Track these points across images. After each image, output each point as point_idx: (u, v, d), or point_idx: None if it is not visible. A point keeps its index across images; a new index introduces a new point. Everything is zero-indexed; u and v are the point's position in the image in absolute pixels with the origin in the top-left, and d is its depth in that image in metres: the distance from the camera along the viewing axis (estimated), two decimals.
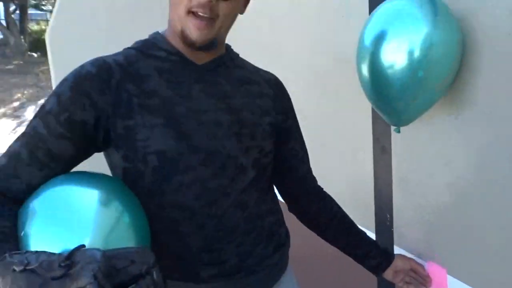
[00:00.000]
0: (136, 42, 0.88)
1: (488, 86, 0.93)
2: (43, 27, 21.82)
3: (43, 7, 20.39)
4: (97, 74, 0.78)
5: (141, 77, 0.81)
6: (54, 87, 3.13)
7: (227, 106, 0.85)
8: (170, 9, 0.83)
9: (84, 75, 0.78)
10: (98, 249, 0.63)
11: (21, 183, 0.76)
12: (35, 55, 16.39)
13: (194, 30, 0.79)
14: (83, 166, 0.83)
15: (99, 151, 0.84)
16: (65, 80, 0.79)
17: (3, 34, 16.26)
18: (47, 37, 3.10)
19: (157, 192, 0.81)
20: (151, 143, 0.78)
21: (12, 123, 10.99)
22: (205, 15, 0.78)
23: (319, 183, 1.08)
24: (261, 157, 0.89)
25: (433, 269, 1.09)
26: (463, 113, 0.99)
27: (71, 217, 0.70)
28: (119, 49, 0.88)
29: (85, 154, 0.82)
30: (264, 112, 0.91)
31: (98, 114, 0.78)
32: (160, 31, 0.89)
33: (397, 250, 1.27)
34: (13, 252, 0.64)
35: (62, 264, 0.61)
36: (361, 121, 1.35)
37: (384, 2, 0.99)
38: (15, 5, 16.89)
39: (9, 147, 0.79)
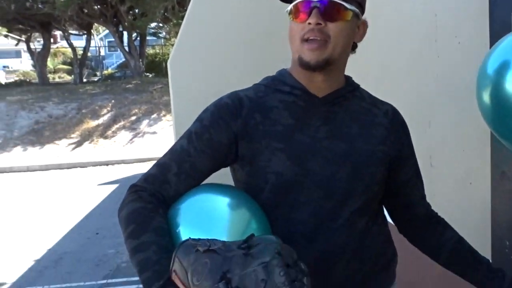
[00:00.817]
0: (265, 79, 1.01)
1: None
2: (157, 50, 24.26)
3: (160, 34, 22.72)
4: (232, 105, 0.94)
5: (267, 108, 0.94)
6: (173, 110, 3.53)
7: (343, 135, 0.94)
8: (290, 45, 0.94)
9: (222, 105, 0.95)
10: (275, 236, 0.72)
11: (171, 189, 0.91)
12: (149, 75, 18.22)
13: (308, 53, 0.88)
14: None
15: (226, 166, 0.98)
16: (207, 109, 0.97)
17: (125, 58, 18.38)
18: (169, 65, 3.52)
19: (274, 207, 0.91)
20: (271, 165, 0.91)
21: (129, 134, 12.31)
22: (317, 38, 0.88)
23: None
24: (372, 184, 0.95)
25: None
26: None
27: (211, 222, 0.84)
28: (235, 79, 1.05)
29: (217, 168, 0.96)
30: (378, 142, 0.96)
31: (231, 136, 0.92)
32: (286, 68, 0.99)
33: None
34: (189, 239, 0.74)
35: (242, 246, 0.70)
36: (477, 148, 1.37)
37: (509, 34, 1.04)
38: (137, 33, 19.01)
39: (158, 160, 0.96)
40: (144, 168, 9.82)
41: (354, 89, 1.00)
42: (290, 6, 0.92)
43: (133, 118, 13.08)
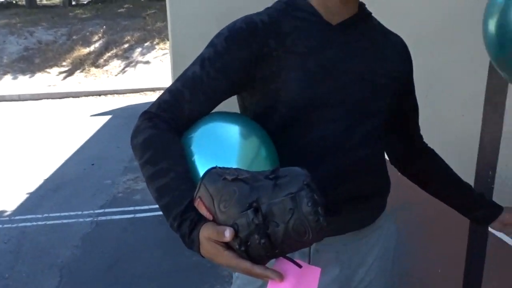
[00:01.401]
0: (279, 2, 0.96)
1: None
2: None
3: None
4: (246, 29, 0.90)
5: (282, 34, 0.91)
6: (170, 36, 3.38)
7: (360, 60, 0.94)
8: None
9: (236, 30, 0.90)
10: (301, 168, 0.70)
11: (184, 116, 0.89)
12: None
13: None
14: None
15: (238, 93, 0.97)
16: (220, 33, 0.92)
17: None
18: None
19: (286, 134, 0.92)
20: (284, 90, 0.90)
21: (122, 63, 12.01)
22: None
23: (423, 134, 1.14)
24: (387, 108, 0.98)
25: None
26: None
27: (222, 150, 0.85)
28: (235, 6, 0.98)
29: (230, 95, 0.95)
30: (393, 68, 0.98)
31: (244, 63, 0.90)
32: None
33: None
34: (215, 167, 0.73)
35: (270, 177, 0.69)
36: (476, 77, 1.34)
37: None
38: None
39: (170, 87, 0.93)
40: (137, 99, 9.72)
41: (367, 17, 0.99)
42: None
43: (126, 46, 12.67)
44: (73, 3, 17.90)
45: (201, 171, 0.82)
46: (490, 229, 1.27)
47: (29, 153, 5.76)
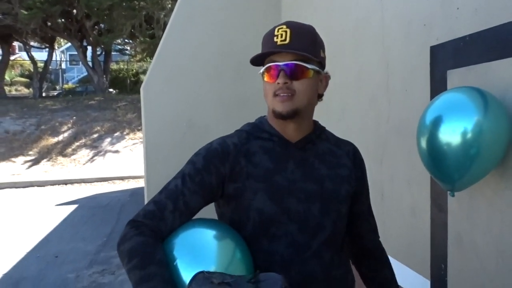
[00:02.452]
0: (247, 125, 1.15)
1: None
2: (121, 66, 23.98)
3: (126, 51, 22.53)
4: (221, 151, 1.08)
5: (250, 153, 1.08)
6: (144, 135, 3.60)
7: (313, 177, 1.09)
8: (265, 99, 1.09)
9: (212, 150, 1.08)
10: (277, 274, 0.82)
11: (167, 225, 1.02)
12: (113, 91, 17.93)
13: (279, 105, 1.05)
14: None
15: (213, 202, 1.11)
16: (198, 153, 1.10)
17: (88, 73, 18.07)
18: (142, 90, 3.60)
19: (255, 239, 1.05)
20: (254, 203, 1.04)
21: (90, 153, 12.03)
22: (285, 94, 1.04)
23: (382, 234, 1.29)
24: (337, 219, 1.10)
25: None
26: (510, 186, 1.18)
27: (201, 255, 0.95)
28: (211, 111, 1.17)
29: (206, 204, 1.08)
30: (343, 181, 1.12)
31: (219, 178, 1.06)
32: (264, 116, 1.15)
33: None
34: (205, 272, 0.81)
35: (252, 281, 0.78)
36: (420, 183, 1.56)
37: (443, 93, 1.23)
38: (101, 49, 18.78)
39: (154, 198, 1.06)
40: (105, 188, 9.62)
41: (321, 132, 1.16)
42: (262, 69, 1.07)
43: (95, 135, 12.80)
44: (44, 94, 18.25)
45: (183, 274, 0.91)
46: None
47: None
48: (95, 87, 17.48)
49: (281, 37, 1.04)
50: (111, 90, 18.04)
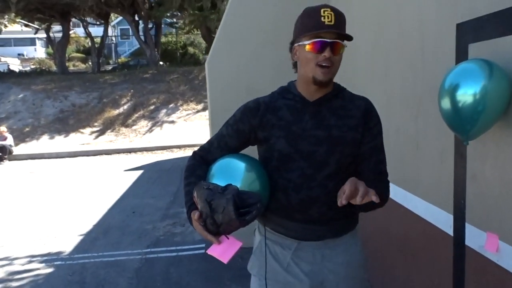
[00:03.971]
0: (280, 88, 1.49)
1: None
2: (170, 39, 24.72)
3: (175, 25, 23.18)
4: (254, 108, 1.45)
5: (276, 109, 1.43)
6: (209, 105, 4.12)
7: (323, 125, 1.39)
8: (301, 66, 1.37)
9: (247, 107, 1.47)
10: (236, 187, 1.28)
11: (213, 156, 1.50)
12: (164, 64, 18.69)
13: (322, 74, 1.33)
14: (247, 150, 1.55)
15: (249, 145, 1.51)
16: (239, 108, 1.49)
17: (141, 47, 18.91)
18: (206, 65, 4.08)
19: (278, 169, 1.43)
20: (276, 146, 1.41)
21: (149, 123, 12.96)
22: (328, 65, 1.32)
23: (414, 175, 1.69)
24: (341, 158, 1.39)
25: (489, 235, 1.65)
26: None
27: (233, 175, 1.40)
28: (268, 76, 1.58)
29: (244, 146, 1.51)
30: (350, 129, 1.40)
31: (251, 128, 1.45)
32: (293, 81, 1.47)
33: (468, 226, 1.83)
34: (203, 181, 1.34)
35: (222, 189, 1.27)
36: (446, 135, 1.93)
37: (460, 63, 1.60)
38: (152, 22, 19.49)
39: (210, 138, 1.55)
40: (165, 156, 10.47)
41: (338, 92, 1.44)
42: (308, 42, 1.32)
43: (152, 107, 13.69)
44: (102, 69, 19.38)
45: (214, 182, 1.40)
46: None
47: (75, 203, 6.40)
48: (148, 60, 18.31)
49: (328, 18, 1.30)
50: (161, 63, 18.79)
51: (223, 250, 1.28)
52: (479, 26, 1.71)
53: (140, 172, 8.59)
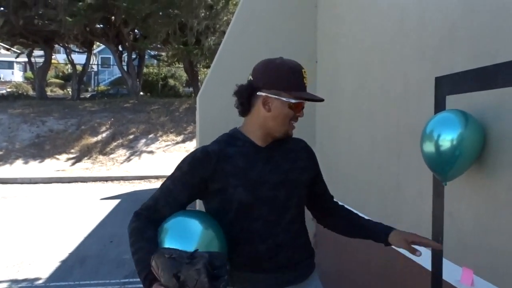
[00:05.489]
0: (224, 135, 1.44)
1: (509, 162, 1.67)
2: (151, 70, 24.94)
3: (159, 57, 23.52)
4: (203, 158, 1.36)
5: (228, 156, 1.37)
6: (197, 137, 4.23)
7: (279, 170, 1.40)
8: (272, 119, 1.35)
9: (196, 158, 1.37)
10: (207, 252, 1.16)
11: (161, 215, 1.35)
12: (144, 95, 18.75)
13: (291, 130, 1.40)
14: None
15: (198, 198, 1.42)
16: (185, 159, 1.39)
17: (123, 76, 19.02)
18: (198, 99, 4.24)
19: (237, 221, 1.36)
20: (235, 196, 1.34)
21: (127, 152, 12.87)
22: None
23: (395, 214, 1.84)
24: (299, 200, 1.43)
25: (465, 270, 1.80)
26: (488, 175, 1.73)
27: (187, 236, 1.28)
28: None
29: (192, 200, 1.41)
30: (303, 170, 1.44)
31: (200, 180, 1.35)
32: (237, 127, 1.45)
33: (445, 261, 1.98)
34: (162, 248, 1.18)
35: (189, 257, 1.13)
36: (426, 175, 2.12)
37: (439, 112, 1.80)
38: (136, 53, 19.74)
39: (153, 194, 1.39)
40: (141, 186, 10.38)
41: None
42: (294, 101, 1.35)
43: (131, 136, 13.64)
44: (81, 96, 19.28)
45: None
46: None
47: (50, 230, 6.24)
48: (129, 90, 18.37)
49: (305, 80, 1.38)
50: (141, 93, 18.84)
51: None
52: (456, 81, 1.93)
53: (117, 201, 8.48)
